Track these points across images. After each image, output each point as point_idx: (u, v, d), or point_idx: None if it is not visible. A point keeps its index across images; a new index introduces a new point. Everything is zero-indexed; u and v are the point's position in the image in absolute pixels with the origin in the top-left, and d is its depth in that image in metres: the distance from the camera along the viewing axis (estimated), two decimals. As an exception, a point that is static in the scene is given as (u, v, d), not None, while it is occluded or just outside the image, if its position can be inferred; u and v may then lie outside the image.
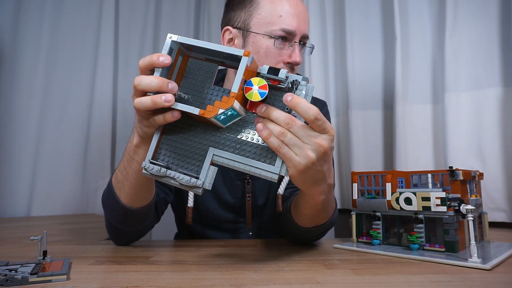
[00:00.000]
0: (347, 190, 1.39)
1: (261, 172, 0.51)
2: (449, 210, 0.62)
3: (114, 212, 0.69)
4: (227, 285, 0.47)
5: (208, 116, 0.48)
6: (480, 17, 1.17)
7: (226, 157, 0.53)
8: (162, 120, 0.52)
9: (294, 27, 0.76)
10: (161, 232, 1.55)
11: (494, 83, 1.13)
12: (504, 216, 1.09)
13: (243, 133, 0.54)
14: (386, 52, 1.37)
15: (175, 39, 0.53)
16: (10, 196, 1.43)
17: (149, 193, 0.69)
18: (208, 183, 0.52)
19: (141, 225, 0.73)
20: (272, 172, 0.51)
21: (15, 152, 1.45)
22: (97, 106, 1.57)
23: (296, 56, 0.78)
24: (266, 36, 0.76)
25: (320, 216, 0.68)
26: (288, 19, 0.76)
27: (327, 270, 0.54)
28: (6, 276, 0.46)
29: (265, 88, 0.49)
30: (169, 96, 0.50)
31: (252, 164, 0.52)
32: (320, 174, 0.54)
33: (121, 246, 0.75)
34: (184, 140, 0.55)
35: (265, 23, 0.77)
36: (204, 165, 0.53)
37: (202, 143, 0.55)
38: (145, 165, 0.53)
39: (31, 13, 1.51)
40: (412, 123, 1.27)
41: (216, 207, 0.86)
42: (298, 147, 0.50)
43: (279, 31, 0.76)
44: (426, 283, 0.47)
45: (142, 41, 1.69)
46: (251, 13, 0.78)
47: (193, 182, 0.51)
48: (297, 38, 0.77)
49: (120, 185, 0.66)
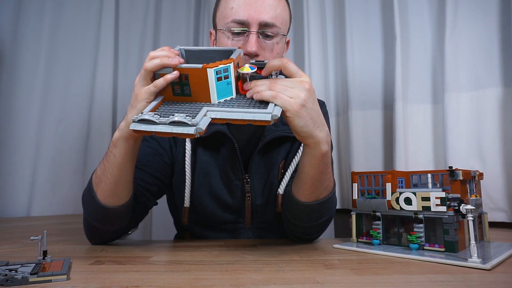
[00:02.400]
0: (347, 190, 1.40)
1: (254, 116, 0.53)
2: (449, 210, 0.62)
3: (91, 209, 0.71)
4: (227, 285, 0.47)
5: (211, 67, 0.55)
6: (480, 17, 1.17)
7: (218, 110, 0.55)
8: (162, 81, 0.58)
9: (245, 16, 0.74)
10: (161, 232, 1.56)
11: (494, 83, 1.13)
12: (504, 216, 1.09)
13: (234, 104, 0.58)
14: (386, 52, 1.37)
15: (183, 47, 0.64)
16: (10, 196, 1.43)
17: (125, 192, 0.70)
18: (203, 124, 0.52)
19: (116, 225, 0.74)
20: (265, 113, 0.53)
21: (15, 152, 1.45)
22: (97, 106, 1.57)
23: (250, 45, 0.74)
24: (224, 31, 0.77)
25: (321, 183, 0.69)
26: (239, 9, 0.75)
27: (327, 270, 0.54)
28: (6, 276, 0.46)
29: (254, 66, 0.60)
30: (176, 58, 0.58)
31: (245, 111, 0.54)
32: (316, 114, 0.61)
33: (96, 245, 0.76)
34: (179, 107, 0.59)
35: (222, 18, 0.78)
36: (199, 115, 0.54)
37: (196, 107, 0.57)
38: (135, 117, 0.53)
39: (31, 13, 1.51)
40: (412, 123, 1.27)
41: (215, 208, 0.85)
42: (289, 90, 0.58)
43: (231, 23, 0.76)
44: (426, 283, 0.47)
45: (142, 41, 1.69)
46: (216, 12, 0.82)
47: (188, 119, 0.51)
48: (253, 27, 0.75)
49: (97, 180, 0.69)
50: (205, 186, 0.85)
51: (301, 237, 0.78)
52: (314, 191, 0.70)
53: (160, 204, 0.92)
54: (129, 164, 0.67)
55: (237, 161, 0.83)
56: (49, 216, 1.43)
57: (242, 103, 0.58)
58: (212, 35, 0.85)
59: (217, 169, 0.84)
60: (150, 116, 0.53)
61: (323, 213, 0.74)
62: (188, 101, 0.60)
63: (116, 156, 0.65)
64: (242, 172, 0.84)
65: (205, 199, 0.85)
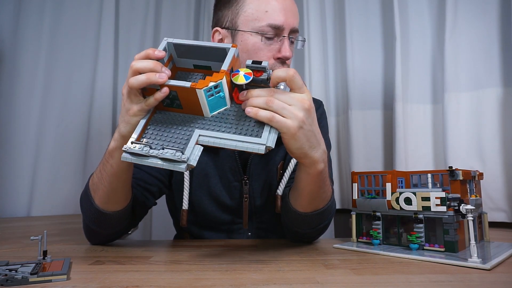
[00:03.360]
0: (347, 190, 1.39)
1: (248, 145, 0.51)
2: (449, 210, 0.62)
3: (88, 213, 0.70)
4: (227, 285, 0.47)
5: (199, 87, 0.51)
6: (480, 17, 1.17)
7: (211, 135, 0.53)
8: (153, 100, 0.55)
9: (281, 21, 0.75)
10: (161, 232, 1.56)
11: (494, 83, 1.13)
12: (504, 216, 1.09)
13: (229, 119, 0.55)
14: (386, 52, 1.37)
15: (170, 41, 0.58)
16: (10, 196, 1.42)
17: (123, 198, 0.70)
18: (193, 159, 0.50)
19: (115, 228, 0.74)
20: (259, 144, 0.51)
21: (15, 152, 1.44)
22: (97, 106, 1.57)
23: (285, 50, 0.76)
24: (253, 33, 0.76)
25: (319, 195, 0.68)
26: (274, 14, 0.75)
27: (327, 270, 0.54)
28: (6, 276, 0.46)
29: (250, 74, 0.54)
30: (163, 74, 0.53)
31: (238, 139, 0.52)
32: (312, 136, 0.58)
33: (96, 245, 0.76)
34: (169, 128, 0.56)
35: (252, 20, 0.77)
36: (190, 144, 0.52)
37: (188, 129, 0.55)
38: (126, 146, 0.52)
39: (31, 13, 1.51)
40: (412, 123, 1.27)
41: (213, 209, 0.85)
42: (287, 110, 0.54)
43: (266, 26, 0.75)
44: (426, 283, 0.47)
45: (142, 41, 1.69)
46: (237, 12, 0.79)
47: (177, 156, 0.49)
48: (286, 32, 0.77)
49: (95, 187, 0.68)
50: (204, 188, 0.85)
51: (300, 240, 0.78)
52: (311, 203, 0.70)
53: (160, 204, 0.92)
54: (126, 173, 0.66)
55: (235, 162, 0.83)
56: (49, 216, 1.43)
57: (237, 117, 0.55)
58: (220, 35, 0.82)
59: (216, 171, 0.84)
60: (140, 150, 0.51)
61: (322, 220, 0.74)
62: (179, 112, 0.57)
63: (113, 166, 0.64)
64: (240, 174, 0.84)
65: (204, 200, 0.85)
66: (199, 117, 0.56)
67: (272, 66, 0.78)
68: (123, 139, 0.59)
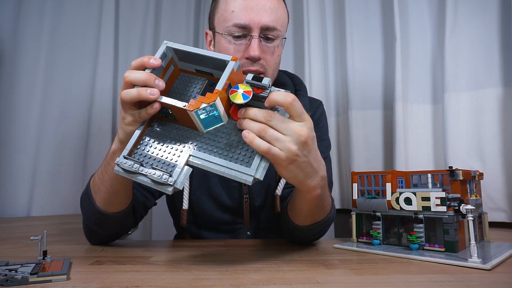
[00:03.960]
0: (347, 190, 1.39)
1: (236, 174, 0.49)
2: (449, 210, 0.62)
3: (89, 214, 0.70)
4: (227, 285, 0.46)
5: (190, 109, 0.49)
6: (480, 17, 1.17)
7: (202, 157, 0.52)
8: (145, 114, 0.53)
9: (246, 20, 0.74)
10: (161, 232, 1.56)
11: (494, 83, 1.13)
12: (504, 216, 1.09)
13: (223, 138, 0.53)
14: (386, 52, 1.37)
15: (170, 45, 0.56)
16: (10, 196, 1.42)
17: (124, 200, 0.70)
18: (180, 183, 0.50)
19: (115, 229, 0.74)
20: (247, 174, 0.49)
21: (15, 152, 1.44)
22: (97, 106, 1.57)
23: (252, 49, 0.74)
24: (224, 34, 0.76)
25: (317, 212, 0.68)
26: (240, 13, 0.74)
27: (327, 270, 0.54)
28: (6, 276, 0.46)
29: (249, 93, 0.51)
30: (155, 90, 0.51)
31: (228, 166, 0.50)
32: (308, 166, 0.54)
33: (96, 245, 0.76)
34: (163, 142, 0.55)
35: (222, 20, 0.77)
36: (179, 165, 0.52)
37: (181, 144, 0.54)
38: (118, 160, 0.52)
39: (31, 13, 1.51)
40: (412, 123, 1.27)
41: (213, 209, 0.85)
42: (280, 141, 0.50)
43: (232, 26, 0.75)
44: (426, 283, 0.47)
45: (142, 41, 1.69)
46: (214, 13, 0.80)
47: (164, 179, 0.49)
48: (255, 31, 0.75)
49: (96, 188, 0.68)
50: (204, 188, 0.85)
51: (299, 243, 0.78)
52: (310, 218, 0.69)
53: (160, 204, 0.92)
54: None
55: None
56: (49, 216, 1.43)
57: (232, 136, 0.53)
58: (209, 36, 0.84)
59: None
60: (130, 167, 0.51)
61: (322, 229, 0.74)
62: (175, 123, 0.56)
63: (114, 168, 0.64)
64: None
65: (203, 200, 0.85)
66: (194, 132, 0.54)
67: (243, 65, 0.76)
68: (122, 144, 0.59)
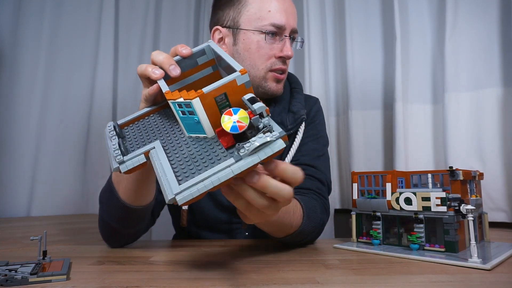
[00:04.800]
0: (347, 190, 1.39)
1: (164, 184, 0.41)
2: (449, 210, 0.62)
3: (111, 209, 0.67)
4: (227, 285, 0.46)
5: (167, 97, 0.45)
6: (480, 17, 1.17)
7: (159, 156, 0.45)
8: (147, 93, 0.55)
9: (283, 21, 0.78)
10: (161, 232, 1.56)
11: (494, 83, 1.13)
12: (504, 216, 1.09)
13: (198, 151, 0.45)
14: (386, 52, 1.37)
15: (211, 45, 0.54)
16: (10, 196, 1.42)
17: (147, 190, 0.66)
18: (123, 166, 0.46)
19: (137, 226, 0.71)
20: (170, 191, 0.40)
21: (15, 152, 1.45)
22: (97, 106, 1.57)
23: (287, 49, 0.79)
24: (256, 32, 0.78)
25: (284, 229, 0.67)
26: (277, 14, 0.78)
27: (327, 270, 0.54)
28: (6, 276, 0.46)
29: (241, 127, 0.42)
30: (158, 70, 0.52)
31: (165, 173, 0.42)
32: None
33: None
34: (153, 127, 0.52)
35: (255, 19, 0.78)
36: (138, 150, 0.47)
37: (160, 134, 0.50)
38: (110, 123, 0.52)
39: (31, 13, 1.51)
40: (412, 123, 1.27)
41: (211, 208, 0.85)
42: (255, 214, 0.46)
43: (269, 26, 0.78)
44: (426, 283, 0.47)
45: (142, 41, 1.69)
46: (240, 11, 0.80)
47: (115, 154, 0.46)
48: (287, 32, 0.79)
49: (119, 178, 0.65)
50: None
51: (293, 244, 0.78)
52: (277, 234, 0.68)
53: (160, 204, 0.92)
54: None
55: None
56: (49, 216, 1.43)
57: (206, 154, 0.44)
58: (221, 33, 0.82)
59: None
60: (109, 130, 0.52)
61: (304, 237, 0.72)
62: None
63: None
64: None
65: (202, 199, 0.85)
66: (179, 131, 0.49)
67: (273, 64, 0.80)
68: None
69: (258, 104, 0.42)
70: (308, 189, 0.80)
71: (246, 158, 0.40)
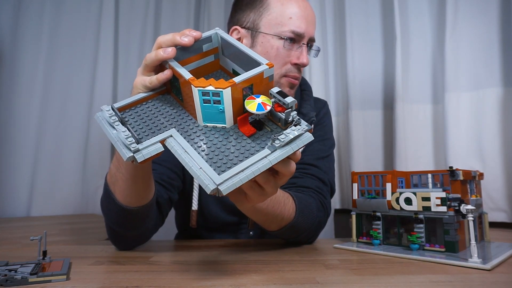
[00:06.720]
0: (347, 190, 1.39)
1: (201, 176, 0.41)
2: (449, 210, 0.62)
3: (111, 213, 0.66)
4: (227, 285, 0.46)
5: (195, 85, 0.44)
6: (480, 17, 1.17)
7: (181, 144, 0.45)
8: (155, 81, 0.51)
9: (303, 29, 0.78)
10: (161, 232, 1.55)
11: (494, 83, 1.13)
12: (504, 216, 1.09)
13: (216, 138, 0.46)
14: (386, 52, 1.37)
15: (220, 32, 0.53)
16: (10, 196, 1.43)
17: (147, 190, 0.64)
18: (142, 155, 0.43)
19: (140, 228, 0.68)
20: (211, 181, 0.40)
21: (15, 152, 1.45)
22: (97, 106, 1.57)
23: (303, 57, 0.79)
24: (275, 37, 0.78)
25: (275, 220, 0.67)
26: (297, 21, 0.78)
27: (327, 270, 0.54)
28: (6, 276, 0.46)
29: (266, 106, 0.44)
30: (169, 48, 0.50)
31: (199, 164, 0.42)
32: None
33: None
34: (158, 112, 0.51)
35: (275, 24, 0.78)
36: (154, 138, 0.46)
37: (170, 121, 0.49)
38: (103, 107, 0.48)
39: (31, 13, 1.51)
40: (412, 123, 1.27)
41: (218, 210, 0.86)
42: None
43: (288, 32, 0.78)
44: (426, 283, 0.47)
45: (142, 41, 1.69)
46: (261, 14, 0.80)
47: (129, 141, 0.43)
48: (305, 40, 0.79)
49: (113, 179, 0.63)
50: None
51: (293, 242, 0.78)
52: (270, 225, 0.69)
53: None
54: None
55: None
56: (49, 216, 1.43)
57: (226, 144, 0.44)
58: (239, 34, 0.82)
59: None
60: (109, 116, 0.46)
61: (298, 234, 0.73)
62: (180, 105, 0.52)
63: None
64: None
65: (210, 202, 0.85)
66: (191, 119, 0.49)
67: (288, 71, 0.80)
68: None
69: (290, 98, 0.44)
70: (307, 187, 0.80)
71: (281, 149, 0.42)
